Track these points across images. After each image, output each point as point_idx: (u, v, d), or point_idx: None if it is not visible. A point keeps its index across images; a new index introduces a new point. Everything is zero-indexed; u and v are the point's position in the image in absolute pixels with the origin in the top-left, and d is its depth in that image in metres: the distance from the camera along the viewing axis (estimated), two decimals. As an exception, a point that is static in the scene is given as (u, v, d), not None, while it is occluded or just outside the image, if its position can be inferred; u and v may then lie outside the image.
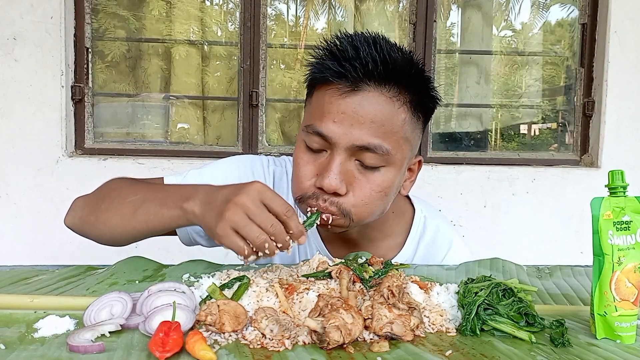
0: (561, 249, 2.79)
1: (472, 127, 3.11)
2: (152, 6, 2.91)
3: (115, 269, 0.99)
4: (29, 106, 2.57)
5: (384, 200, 1.02)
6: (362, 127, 0.94)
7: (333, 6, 3.12)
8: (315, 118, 0.98)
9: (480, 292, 0.80)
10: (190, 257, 1.07)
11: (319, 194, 0.97)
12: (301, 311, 0.77)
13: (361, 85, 0.95)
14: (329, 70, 0.96)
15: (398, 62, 0.96)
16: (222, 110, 3.01)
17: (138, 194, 1.01)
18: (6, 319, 0.76)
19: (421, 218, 1.21)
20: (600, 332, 0.76)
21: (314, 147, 0.98)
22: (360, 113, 0.94)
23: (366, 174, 0.98)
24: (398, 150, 0.98)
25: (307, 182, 0.98)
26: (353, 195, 0.97)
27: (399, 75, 0.96)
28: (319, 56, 1.01)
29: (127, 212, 1.00)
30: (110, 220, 1.03)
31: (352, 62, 0.94)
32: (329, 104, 0.96)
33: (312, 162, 0.99)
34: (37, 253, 2.59)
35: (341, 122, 0.95)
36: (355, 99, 0.95)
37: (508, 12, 3.22)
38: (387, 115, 0.96)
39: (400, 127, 0.97)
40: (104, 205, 1.05)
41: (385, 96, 0.95)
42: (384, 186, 0.99)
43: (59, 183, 2.59)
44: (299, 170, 1.00)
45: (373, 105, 0.95)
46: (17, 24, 2.54)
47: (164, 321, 0.69)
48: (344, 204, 0.97)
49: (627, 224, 0.76)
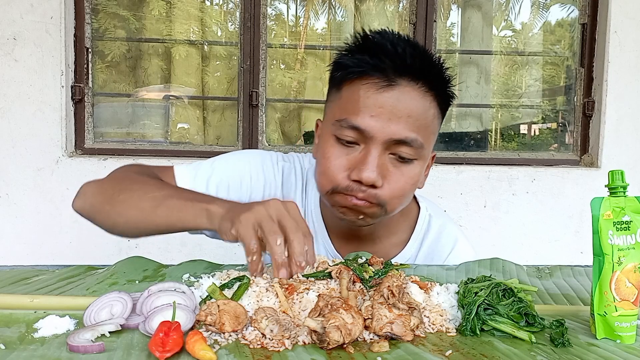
0: (561, 249, 2.79)
1: (472, 127, 3.11)
2: (152, 6, 2.91)
3: (115, 269, 0.99)
4: (29, 106, 2.57)
5: (412, 192, 1.06)
6: (399, 121, 0.97)
7: (333, 6, 3.12)
8: (350, 112, 0.99)
9: (480, 292, 0.80)
10: (190, 257, 1.07)
11: (354, 187, 0.98)
12: (301, 311, 0.77)
13: (397, 80, 0.97)
14: (367, 64, 0.97)
15: (429, 59, 1.00)
16: (222, 110, 3.01)
17: (163, 190, 1.01)
18: (6, 319, 0.76)
19: (426, 216, 1.22)
20: (600, 332, 0.76)
21: (347, 141, 0.99)
22: (398, 107, 0.96)
23: (400, 167, 1.00)
24: (428, 144, 1.02)
25: (340, 175, 1.00)
26: (388, 188, 0.99)
27: (431, 72, 1.00)
28: (350, 51, 1.02)
29: (147, 206, 0.99)
30: (128, 212, 1.01)
31: (391, 56, 0.96)
32: (365, 98, 0.98)
33: (344, 155, 1.00)
34: (37, 253, 2.59)
35: (379, 116, 0.97)
36: (392, 93, 0.97)
37: (508, 12, 3.22)
38: (421, 110, 0.99)
39: (431, 121, 1.02)
40: (122, 196, 1.03)
41: (418, 91, 0.98)
42: (416, 179, 1.03)
43: (59, 183, 2.60)
44: (331, 164, 1.01)
45: (409, 100, 0.97)
46: (17, 24, 2.54)
47: (164, 321, 0.69)
48: (381, 196, 0.99)
49: (627, 224, 0.76)
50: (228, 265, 1.01)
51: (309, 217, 1.19)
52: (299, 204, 1.19)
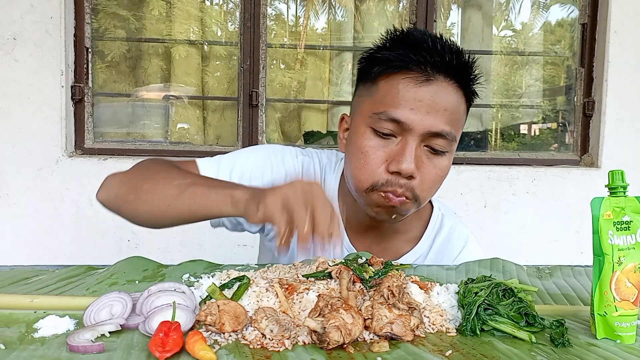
0: (561, 249, 2.79)
1: (472, 127, 3.11)
2: (152, 6, 2.90)
3: (115, 269, 0.99)
4: (29, 106, 2.57)
5: (440, 185, 1.09)
6: (437, 114, 1.01)
7: (333, 6, 3.12)
8: (388, 105, 1.02)
9: (481, 292, 0.80)
10: (190, 257, 1.07)
11: (393, 181, 1.02)
12: (301, 311, 0.77)
13: (435, 75, 1.01)
14: (410, 59, 1.01)
15: (464, 57, 1.04)
16: (222, 110, 3.01)
17: (187, 178, 1.01)
18: (6, 319, 0.76)
19: (439, 216, 1.25)
20: (600, 332, 0.76)
21: (384, 133, 1.02)
22: (436, 101, 1.01)
23: (432, 159, 1.04)
24: (458, 137, 1.07)
25: (378, 169, 1.03)
26: (421, 180, 1.03)
27: (464, 69, 1.04)
28: (384, 47, 1.06)
29: (172, 193, 0.98)
30: (152, 201, 1.01)
31: (431, 52, 1.00)
32: (405, 92, 1.01)
33: (382, 147, 1.03)
34: (37, 253, 2.59)
35: (418, 109, 1.00)
36: (431, 88, 1.01)
37: (508, 12, 3.22)
38: (456, 104, 1.03)
39: (462, 116, 1.07)
40: (147, 185, 1.03)
41: (453, 87, 1.03)
42: (445, 171, 1.07)
43: (59, 183, 2.59)
44: (369, 158, 1.03)
45: (446, 95, 1.02)
46: (17, 24, 2.54)
47: (164, 321, 0.69)
48: (415, 188, 1.03)
49: (627, 224, 0.76)
50: (228, 265, 1.01)
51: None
52: None
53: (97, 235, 2.56)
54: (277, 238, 0.83)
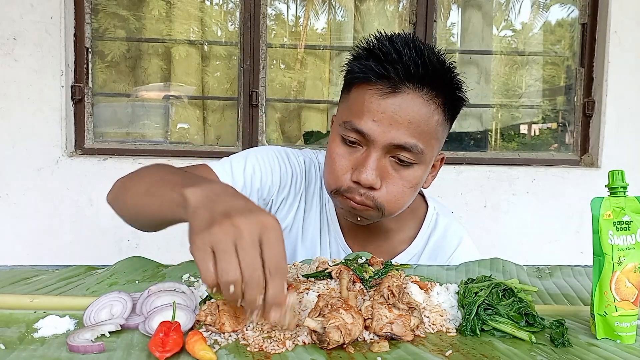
0: (561, 249, 2.79)
1: (472, 127, 3.11)
2: (152, 6, 2.90)
3: (115, 269, 0.99)
4: (29, 106, 2.57)
5: (412, 195, 1.07)
6: (400, 127, 0.99)
7: (333, 6, 3.12)
8: (354, 115, 1.02)
9: (481, 292, 0.80)
10: (190, 257, 1.07)
11: (354, 188, 1.01)
12: (301, 311, 0.77)
13: (401, 87, 0.98)
14: (372, 71, 0.99)
15: (435, 66, 1.00)
16: (222, 110, 3.01)
17: (160, 174, 0.91)
18: (6, 319, 0.76)
19: (433, 215, 1.26)
20: (600, 332, 0.76)
21: (350, 141, 1.02)
22: (399, 114, 0.98)
23: (399, 171, 1.02)
24: (429, 149, 1.03)
25: (343, 176, 1.03)
26: (386, 190, 1.02)
27: (436, 78, 1.00)
28: (359, 56, 1.04)
29: (141, 191, 0.90)
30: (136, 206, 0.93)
31: (394, 64, 0.98)
32: (369, 103, 1.00)
33: (348, 156, 1.03)
34: (37, 253, 2.59)
35: (380, 121, 0.99)
36: (395, 100, 0.99)
37: (508, 12, 3.22)
38: (424, 117, 1.00)
39: (434, 128, 1.02)
40: (130, 183, 0.98)
41: (422, 98, 1.00)
42: (414, 182, 1.04)
43: (59, 183, 2.60)
44: (336, 164, 1.04)
45: (411, 107, 0.99)
46: (17, 24, 2.54)
47: (164, 321, 0.69)
48: (378, 198, 1.02)
49: (627, 224, 0.76)
50: (228, 265, 1.01)
51: (324, 209, 1.22)
52: (317, 196, 1.23)
53: (97, 235, 2.56)
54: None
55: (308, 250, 1.21)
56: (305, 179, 1.23)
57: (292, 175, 1.21)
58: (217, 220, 0.65)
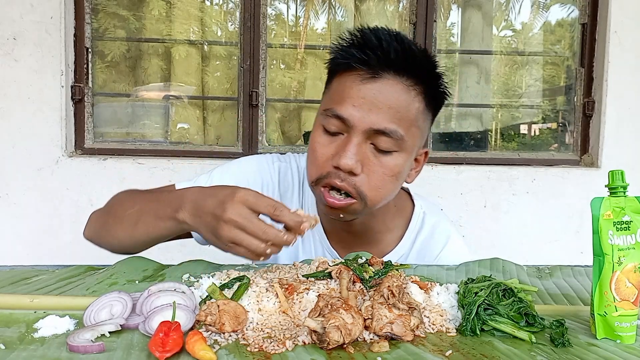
0: (561, 249, 2.79)
1: (472, 127, 3.10)
2: (152, 6, 2.90)
3: (115, 269, 0.99)
4: (29, 106, 2.57)
5: (394, 185, 1.06)
6: (379, 112, 0.99)
7: (333, 6, 3.12)
8: (335, 102, 1.02)
9: (480, 292, 0.80)
10: (190, 257, 1.07)
11: (335, 173, 1.01)
12: (301, 311, 0.77)
13: (381, 73, 0.99)
14: (353, 57, 1.00)
15: (416, 55, 1.02)
16: (222, 110, 3.01)
17: (135, 206, 1.05)
18: (6, 319, 0.76)
19: (420, 214, 1.24)
20: (600, 332, 0.76)
21: (332, 130, 1.02)
22: (379, 99, 0.99)
23: (380, 158, 1.02)
24: (410, 137, 1.03)
25: (325, 163, 1.02)
26: (367, 178, 1.01)
27: (416, 67, 1.02)
28: (341, 45, 1.05)
29: (128, 225, 1.03)
30: (117, 234, 1.06)
31: (375, 50, 0.99)
32: (349, 89, 1.01)
33: (329, 144, 1.03)
34: (37, 253, 2.59)
35: (360, 106, 0.99)
36: (375, 85, 1.00)
37: (508, 12, 3.22)
38: (403, 103, 1.01)
39: (414, 115, 1.03)
40: (111, 219, 1.09)
41: (402, 85, 1.00)
42: (396, 171, 1.03)
43: (59, 183, 2.59)
44: (316, 152, 1.04)
45: (391, 93, 1.00)
46: (17, 24, 2.54)
47: (164, 321, 0.69)
48: (359, 184, 1.01)
49: (627, 224, 0.76)
50: (228, 265, 1.01)
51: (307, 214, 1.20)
52: (296, 202, 1.23)
53: (97, 235, 2.55)
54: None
55: (291, 254, 1.19)
56: (280, 187, 1.23)
57: (261, 185, 1.21)
58: (215, 226, 0.85)
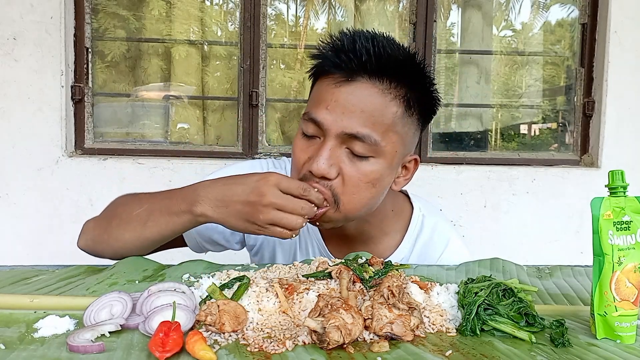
0: (561, 249, 2.79)
1: (472, 127, 3.10)
2: (152, 6, 2.90)
3: (115, 269, 0.99)
4: (29, 106, 2.57)
5: (371, 192, 1.02)
6: (352, 115, 0.97)
7: (333, 6, 3.12)
8: (311, 106, 1.02)
9: (480, 292, 0.80)
10: (190, 257, 1.07)
11: (309, 177, 0.99)
12: (301, 311, 0.77)
13: (355, 76, 0.98)
14: (327, 60, 1.01)
15: (393, 57, 0.99)
16: (222, 110, 3.01)
17: (143, 205, 1.05)
18: (6, 319, 0.76)
19: (419, 216, 1.22)
20: (600, 332, 0.76)
21: (309, 134, 1.02)
22: (351, 102, 0.97)
23: (355, 163, 1.00)
24: (387, 142, 1.00)
25: (301, 167, 1.02)
26: (342, 182, 0.99)
27: (394, 69, 0.99)
28: (322, 49, 1.05)
29: (137, 225, 1.03)
30: (123, 236, 1.05)
31: (347, 53, 0.98)
32: (324, 93, 1.00)
33: (307, 147, 1.02)
34: (37, 253, 2.59)
35: (333, 109, 0.98)
36: (348, 88, 0.98)
37: (508, 12, 3.22)
38: (378, 107, 0.98)
39: (391, 120, 0.99)
40: (114, 222, 1.08)
41: (377, 88, 0.98)
42: (372, 177, 1.00)
43: (59, 183, 2.59)
44: (296, 157, 1.04)
45: (364, 96, 0.98)
46: (17, 24, 2.54)
47: (164, 321, 0.69)
48: (334, 187, 0.99)
49: (627, 224, 0.76)
50: (228, 265, 1.01)
51: None
52: None
53: (97, 235, 2.55)
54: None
55: (289, 260, 1.19)
56: None
57: None
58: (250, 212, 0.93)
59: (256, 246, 1.24)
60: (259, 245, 1.24)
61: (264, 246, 1.24)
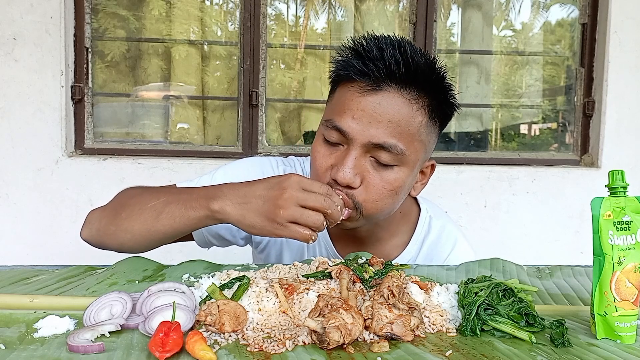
0: (561, 249, 2.79)
1: (472, 127, 3.10)
2: (152, 6, 2.90)
3: (115, 269, 0.99)
4: (29, 106, 2.57)
5: (394, 199, 1.04)
6: (379, 125, 0.97)
7: (333, 6, 3.12)
8: (335, 113, 1.01)
9: (481, 292, 0.80)
10: (190, 257, 1.07)
11: (333, 185, 0.99)
12: (301, 311, 0.77)
13: (382, 85, 0.97)
14: (353, 68, 0.99)
15: (420, 66, 0.98)
16: (222, 110, 3.01)
17: (160, 198, 1.02)
18: (6, 319, 0.76)
19: (426, 218, 1.23)
20: (600, 332, 0.76)
21: (332, 141, 1.01)
22: (378, 112, 0.97)
23: (379, 171, 1.00)
24: (412, 152, 1.01)
25: (323, 174, 1.01)
26: (365, 190, 1.00)
27: (420, 79, 0.98)
28: (345, 54, 1.03)
29: (149, 216, 1.01)
30: (132, 227, 1.03)
31: (375, 62, 0.97)
32: (350, 101, 0.99)
33: (329, 154, 1.02)
34: (37, 253, 2.59)
35: (360, 119, 0.98)
36: (375, 98, 0.97)
37: (508, 12, 3.22)
38: (405, 117, 0.98)
39: (416, 129, 1.00)
40: (124, 213, 1.05)
41: (404, 98, 0.98)
42: (396, 185, 1.01)
43: (59, 183, 2.59)
44: (317, 163, 1.03)
45: (392, 106, 0.97)
46: (17, 24, 2.54)
47: (164, 321, 0.69)
48: (356, 196, 0.99)
49: (627, 224, 0.76)
50: (228, 266, 1.01)
51: None
52: None
53: (97, 235, 2.55)
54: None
55: (296, 259, 1.18)
56: None
57: None
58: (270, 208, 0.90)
59: (263, 243, 1.23)
60: (265, 242, 1.23)
61: (270, 244, 1.23)
